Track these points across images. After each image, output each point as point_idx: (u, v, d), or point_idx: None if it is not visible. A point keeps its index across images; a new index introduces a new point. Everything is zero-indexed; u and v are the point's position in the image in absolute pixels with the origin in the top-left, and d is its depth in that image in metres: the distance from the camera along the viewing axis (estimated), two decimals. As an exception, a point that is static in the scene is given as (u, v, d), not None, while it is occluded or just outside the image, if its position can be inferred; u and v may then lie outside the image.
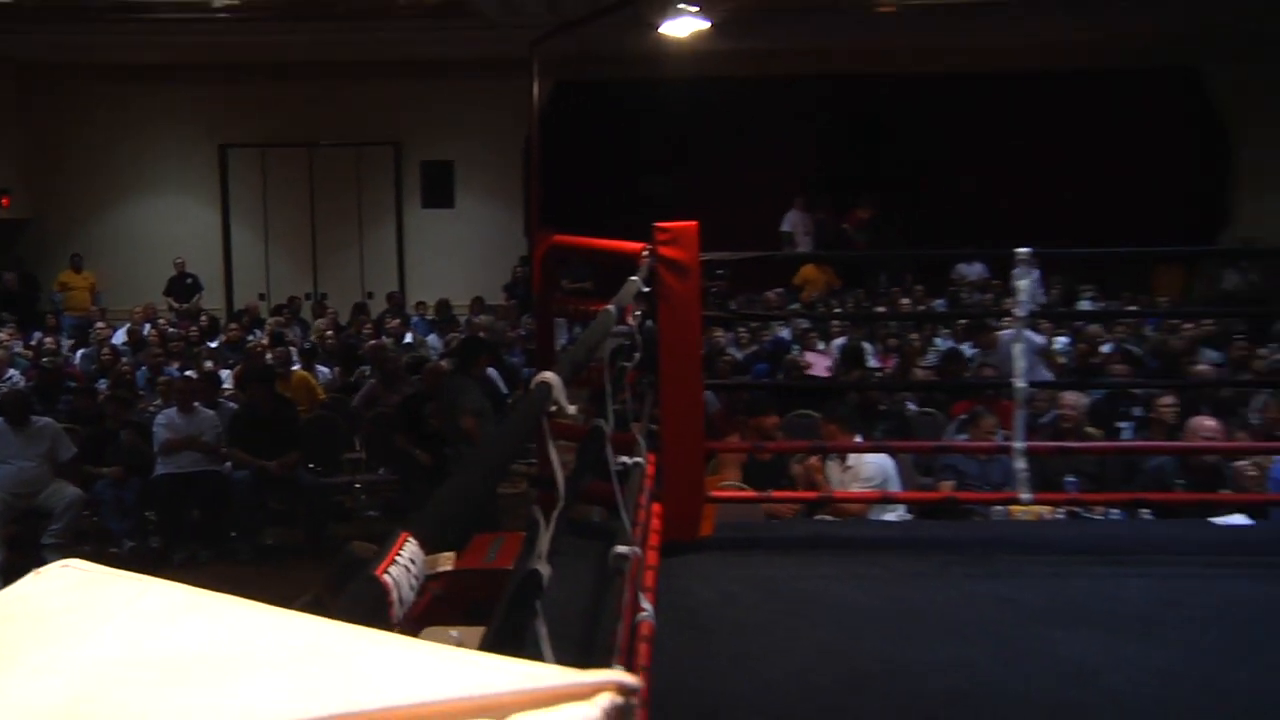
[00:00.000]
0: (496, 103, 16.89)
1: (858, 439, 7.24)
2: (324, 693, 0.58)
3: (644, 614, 3.69)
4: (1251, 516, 6.00)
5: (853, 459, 6.97)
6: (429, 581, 4.64)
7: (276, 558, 8.96)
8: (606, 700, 0.60)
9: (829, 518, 6.58)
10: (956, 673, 3.85)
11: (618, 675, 0.62)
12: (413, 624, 4.27)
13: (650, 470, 5.07)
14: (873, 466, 7.07)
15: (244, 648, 0.65)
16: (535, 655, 1.83)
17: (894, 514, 6.62)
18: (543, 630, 1.87)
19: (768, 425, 7.71)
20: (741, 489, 6.71)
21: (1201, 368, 9.88)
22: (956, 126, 18.39)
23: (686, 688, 3.69)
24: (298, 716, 0.56)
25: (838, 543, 5.49)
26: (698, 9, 7.65)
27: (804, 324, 12.47)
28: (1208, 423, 6.87)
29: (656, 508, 5.12)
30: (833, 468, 7.29)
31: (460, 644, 3.63)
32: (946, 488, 7.02)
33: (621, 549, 3.10)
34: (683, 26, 7.82)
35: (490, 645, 1.87)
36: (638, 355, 4.67)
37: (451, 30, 15.04)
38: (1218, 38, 17.28)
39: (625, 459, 4.03)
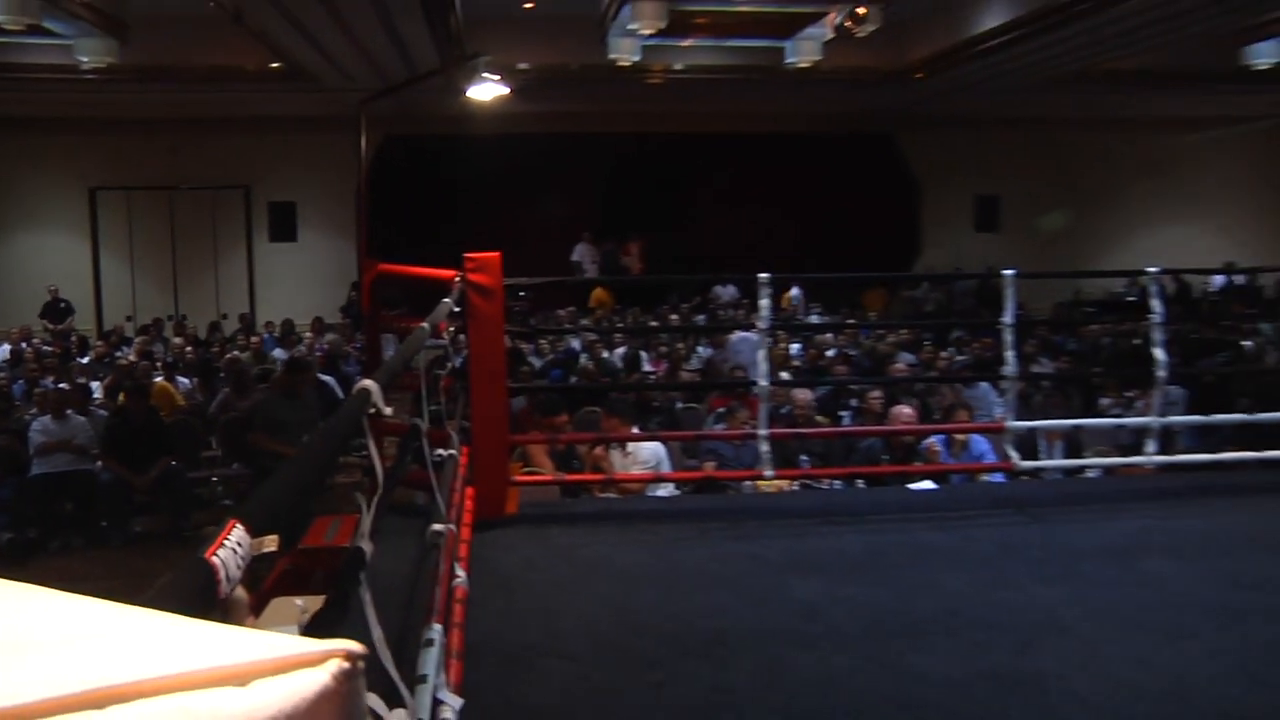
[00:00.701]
0: (333, 152, 16.36)
1: (635, 429, 7.25)
2: (83, 669, 0.52)
3: (459, 580, 3.62)
4: (936, 482, 6.27)
5: (632, 446, 6.98)
6: (279, 559, 4.49)
7: (144, 543, 8.44)
8: (335, 666, 0.56)
9: (613, 495, 6.57)
10: (715, 615, 3.90)
11: (346, 644, 0.58)
12: (265, 595, 4.11)
13: (464, 460, 4.99)
14: (648, 452, 7.08)
15: (20, 632, 0.58)
16: (361, 620, 1.76)
17: (665, 490, 6.65)
18: (367, 597, 1.80)
19: (559, 422, 7.66)
20: (543, 474, 6.64)
21: (899, 367, 10.22)
22: (713, 177, 18.81)
23: (495, 638, 3.63)
24: (53, 691, 0.50)
25: (619, 516, 5.49)
26: (499, 78, 7.58)
27: (592, 336, 12.47)
28: (905, 410, 7.13)
29: (470, 491, 5.04)
30: (615, 454, 7.29)
31: (305, 611, 3.50)
32: (708, 468, 7.08)
33: (437, 526, 3.03)
34: (486, 92, 7.73)
35: (325, 611, 1.78)
36: (450, 364, 4.58)
37: (293, 91, 14.64)
38: (906, 115, 18.26)
39: (442, 451, 3.95)
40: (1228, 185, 20.50)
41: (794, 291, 15.89)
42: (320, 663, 0.55)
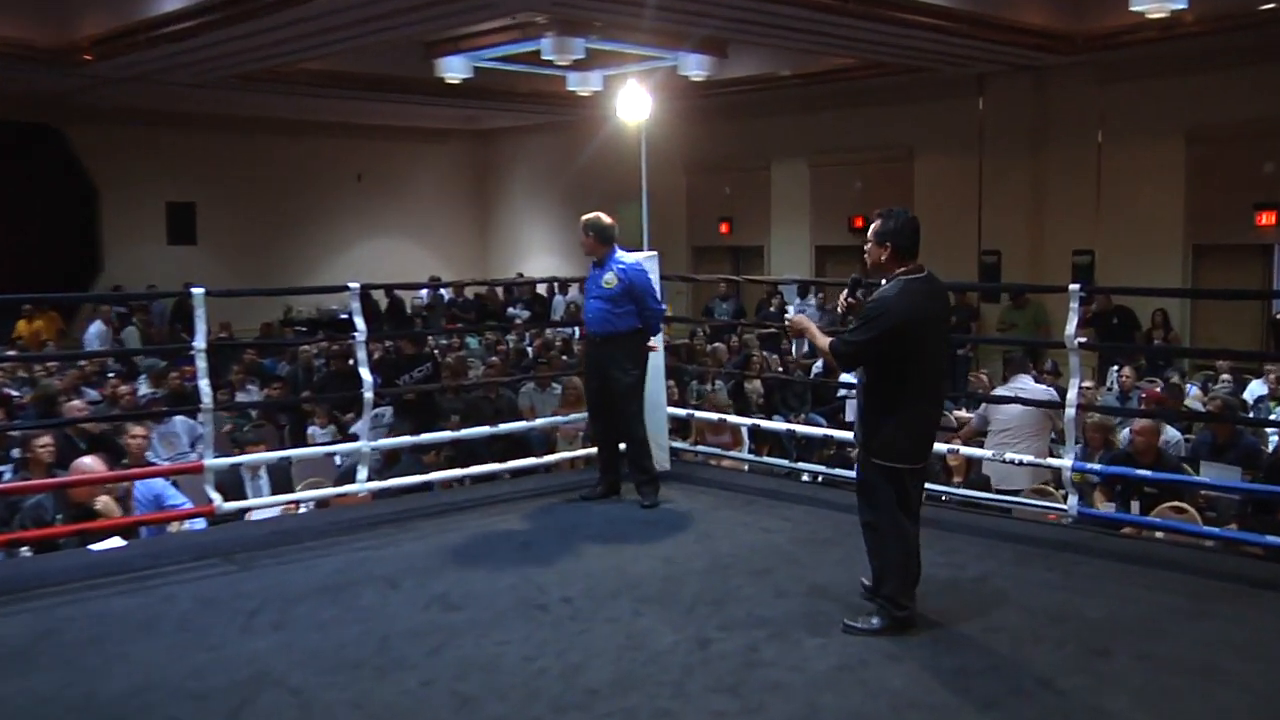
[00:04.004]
0: None
1: None
2: None
3: None
4: (125, 538, 6.05)
5: None
6: None
7: None
8: None
9: None
10: None
11: None
12: None
13: None
14: None
15: None
16: None
17: None
18: None
19: None
20: None
21: (76, 405, 9.62)
22: None
23: None
24: None
25: None
26: None
27: None
28: (88, 461, 6.68)
29: None
30: None
31: None
32: None
33: None
34: None
35: None
36: None
37: None
38: (80, 105, 17.62)
39: None
40: (437, 199, 22.82)
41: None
42: None
